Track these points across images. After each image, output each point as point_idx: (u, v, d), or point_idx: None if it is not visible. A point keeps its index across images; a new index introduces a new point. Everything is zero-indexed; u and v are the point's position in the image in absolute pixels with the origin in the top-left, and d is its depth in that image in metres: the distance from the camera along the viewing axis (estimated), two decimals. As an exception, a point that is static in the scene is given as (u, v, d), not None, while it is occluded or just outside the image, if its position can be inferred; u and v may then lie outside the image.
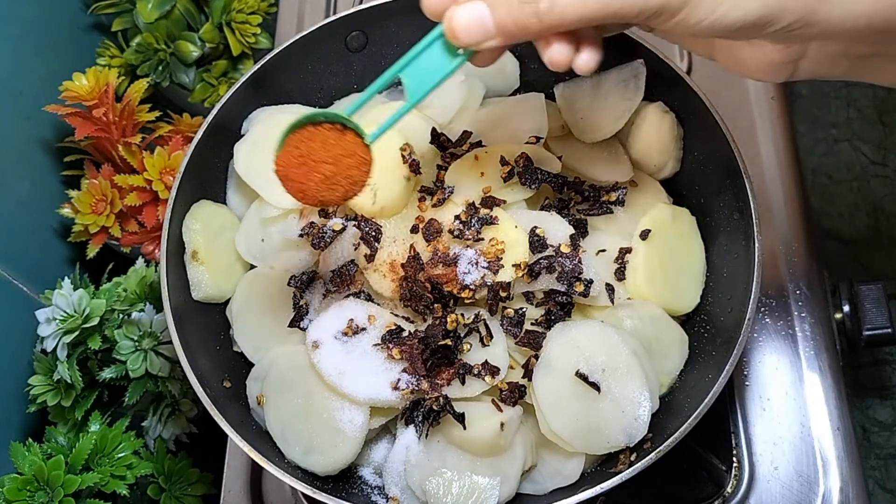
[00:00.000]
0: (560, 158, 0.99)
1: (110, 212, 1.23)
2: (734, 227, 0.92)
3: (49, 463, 1.01)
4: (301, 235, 0.95)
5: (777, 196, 1.16)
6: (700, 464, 1.03)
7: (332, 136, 0.74)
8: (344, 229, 0.94)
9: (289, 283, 0.94)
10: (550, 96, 1.05)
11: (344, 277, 0.93)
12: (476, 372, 0.86)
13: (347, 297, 0.92)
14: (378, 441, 0.91)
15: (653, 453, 0.79)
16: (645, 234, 0.94)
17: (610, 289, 0.91)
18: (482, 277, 0.88)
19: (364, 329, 0.88)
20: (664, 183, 1.03)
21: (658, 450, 0.79)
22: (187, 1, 1.41)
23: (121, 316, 1.14)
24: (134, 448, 1.10)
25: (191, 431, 1.22)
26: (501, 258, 0.89)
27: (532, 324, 0.90)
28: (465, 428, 0.83)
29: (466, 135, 1.00)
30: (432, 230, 0.92)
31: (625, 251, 0.94)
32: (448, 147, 1.00)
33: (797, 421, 1.03)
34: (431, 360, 0.85)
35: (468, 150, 0.98)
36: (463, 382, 0.85)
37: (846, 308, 1.10)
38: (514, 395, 0.86)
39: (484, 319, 0.88)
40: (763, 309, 1.10)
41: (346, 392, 0.85)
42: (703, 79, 1.24)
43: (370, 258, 0.92)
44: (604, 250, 0.94)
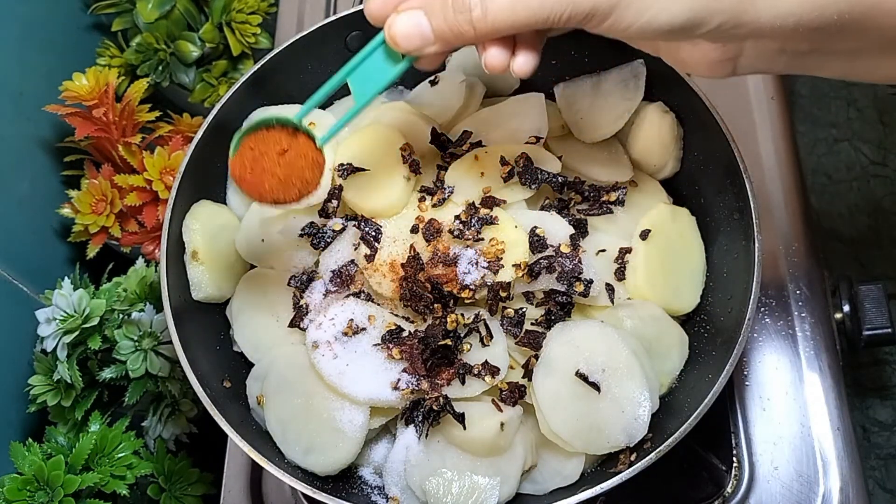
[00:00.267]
0: (560, 158, 0.99)
1: (110, 212, 1.23)
2: (734, 227, 0.92)
3: (49, 463, 1.01)
4: (301, 235, 0.95)
5: (777, 196, 1.16)
6: (700, 464, 1.03)
7: (284, 139, 0.76)
8: (344, 229, 0.94)
9: (289, 283, 0.94)
10: (550, 96, 1.05)
11: (344, 277, 0.93)
12: (476, 372, 0.86)
13: (347, 297, 0.92)
14: (378, 441, 0.91)
15: (653, 453, 0.79)
16: (645, 234, 0.94)
17: (610, 289, 0.91)
18: (482, 277, 0.88)
19: (364, 329, 0.88)
20: (664, 183, 1.03)
21: (658, 450, 0.79)
22: (187, 1, 1.41)
23: (121, 316, 1.14)
24: (134, 448, 1.10)
25: (191, 431, 1.22)
26: (501, 258, 0.89)
27: (532, 324, 0.90)
28: (465, 428, 0.83)
29: (466, 135, 1.00)
30: (432, 230, 0.92)
31: (625, 251, 0.94)
32: (448, 147, 1.00)
33: (797, 421, 1.03)
34: (431, 360, 0.85)
35: (468, 150, 0.98)
36: (463, 382, 0.85)
37: (846, 308, 1.10)
38: (514, 395, 0.86)
39: (484, 319, 0.88)
40: (763, 309, 1.10)
41: (346, 392, 0.85)
42: (704, 79, 1.24)
43: (370, 258, 0.92)
44: (604, 250, 0.94)
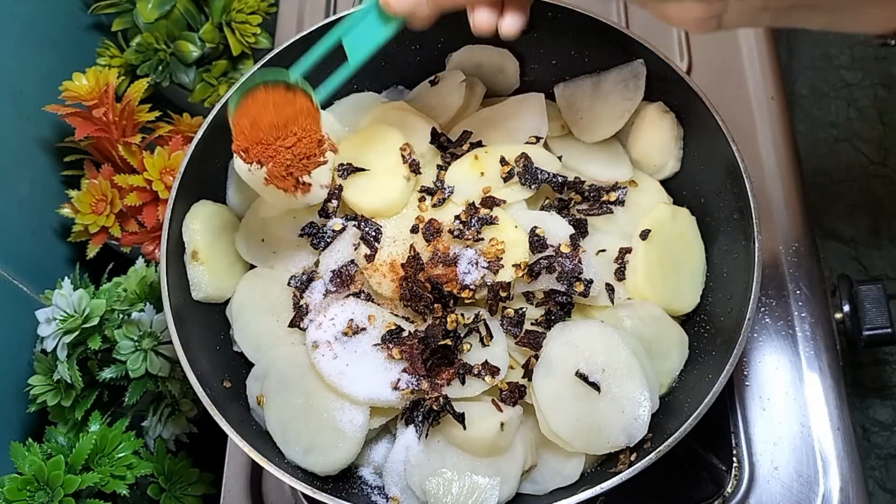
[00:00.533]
0: (560, 158, 1.00)
1: (110, 212, 1.23)
2: (734, 227, 0.92)
3: (49, 463, 1.01)
4: (301, 235, 0.95)
5: (777, 196, 1.16)
6: (700, 464, 1.03)
7: (282, 97, 0.80)
8: (344, 229, 0.94)
9: (289, 283, 0.94)
10: (550, 96, 1.05)
11: (344, 277, 0.93)
12: (476, 372, 0.86)
13: (347, 297, 0.92)
14: (378, 441, 0.91)
15: (653, 453, 0.79)
16: (645, 234, 0.94)
17: (610, 289, 0.91)
18: (482, 277, 0.88)
19: (364, 329, 0.88)
20: (664, 183, 1.03)
21: (658, 450, 0.79)
22: (187, 1, 1.41)
23: (121, 316, 1.14)
24: (134, 448, 1.10)
25: (191, 431, 1.22)
26: (501, 258, 0.89)
27: (532, 324, 0.90)
28: (465, 428, 0.83)
29: (466, 135, 1.00)
30: (432, 230, 0.92)
31: (625, 251, 0.94)
32: (448, 147, 1.00)
33: (797, 421, 1.03)
34: (431, 360, 0.85)
35: (468, 150, 0.99)
36: (463, 382, 0.85)
37: (846, 308, 1.10)
38: (514, 395, 0.86)
39: (484, 319, 0.88)
40: (763, 309, 1.10)
41: (346, 392, 0.85)
42: (703, 79, 1.24)
43: (370, 258, 0.92)
44: (604, 250, 0.94)
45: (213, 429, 0.84)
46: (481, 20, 0.72)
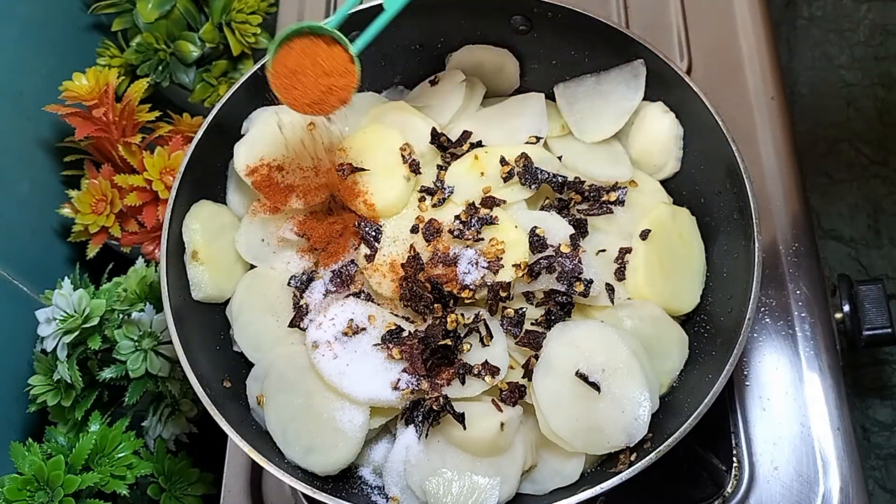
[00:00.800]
0: (560, 158, 1.00)
1: (110, 212, 1.23)
2: (734, 227, 0.92)
3: (49, 463, 1.01)
4: (301, 235, 0.95)
5: (777, 196, 1.16)
6: (700, 464, 1.03)
7: (319, 47, 0.82)
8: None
9: (289, 283, 0.94)
10: (550, 96, 1.05)
11: (344, 277, 0.93)
12: (476, 372, 0.86)
13: (347, 297, 0.92)
14: (378, 441, 0.91)
15: (653, 453, 0.79)
16: (645, 234, 0.94)
17: (610, 289, 0.91)
18: (482, 277, 0.88)
19: (364, 329, 0.88)
20: (664, 183, 1.03)
21: (658, 450, 0.79)
22: (187, 1, 1.41)
23: (121, 316, 1.14)
24: (134, 448, 1.10)
25: (191, 431, 1.22)
26: (501, 258, 0.89)
27: (532, 324, 0.90)
28: (465, 428, 0.83)
29: (466, 135, 1.00)
30: (432, 230, 0.92)
31: (625, 251, 0.94)
32: (448, 147, 1.00)
33: (797, 421, 1.03)
34: (431, 360, 0.85)
35: (468, 150, 0.99)
36: (463, 382, 0.85)
37: (846, 308, 1.10)
38: (514, 395, 0.86)
39: (484, 319, 0.88)
40: (763, 309, 1.09)
41: (346, 392, 0.85)
42: (703, 79, 1.24)
43: (370, 258, 0.92)
44: (604, 250, 0.94)
45: (213, 429, 0.84)
46: None
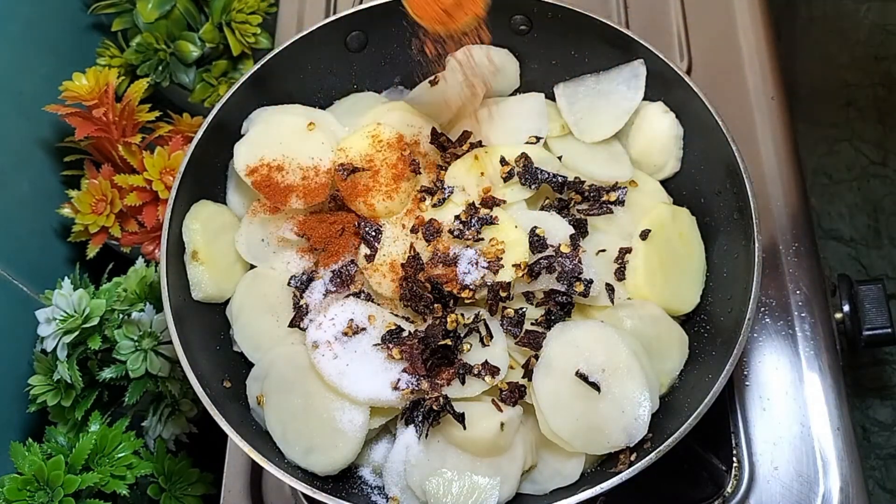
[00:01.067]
0: (560, 158, 0.99)
1: (110, 212, 1.23)
2: (734, 227, 0.92)
3: (49, 463, 1.01)
4: (301, 235, 0.95)
5: (777, 196, 1.16)
6: (700, 464, 1.03)
7: None
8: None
9: (289, 283, 0.94)
10: (550, 96, 1.05)
11: (344, 277, 0.93)
12: (476, 372, 0.86)
13: (347, 297, 0.92)
14: (378, 441, 0.91)
15: (653, 453, 0.79)
16: (645, 234, 0.94)
17: (610, 289, 0.91)
18: (482, 277, 0.88)
19: (364, 329, 0.88)
20: (664, 183, 1.03)
21: (658, 450, 0.79)
22: (187, 1, 1.41)
23: (121, 316, 1.14)
24: (134, 448, 1.10)
25: (191, 431, 1.22)
26: (501, 258, 0.89)
27: (532, 324, 0.90)
28: (465, 428, 0.83)
29: (466, 135, 1.00)
30: (432, 230, 0.92)
31: (625, 251, 0.94)
32: (448, 147, 1.00)
33: (797, 421, 1.03)
34: (431, 360, 0.85)
35: (468, 150, 0.98)
36: (463, 382, 0.85)
37: (846, 308, 1.10)
38: (514, 395, 0.86)
39: (484, 319, 0.88)
40: (763, 309, 1.09)
41: (346, 392, 0.85)
42: (703, 79, 1.24)
43: (370, 258, 0.92)
44: (604, 250, 0.94)
45: (213, 429, 0.84)
46: None
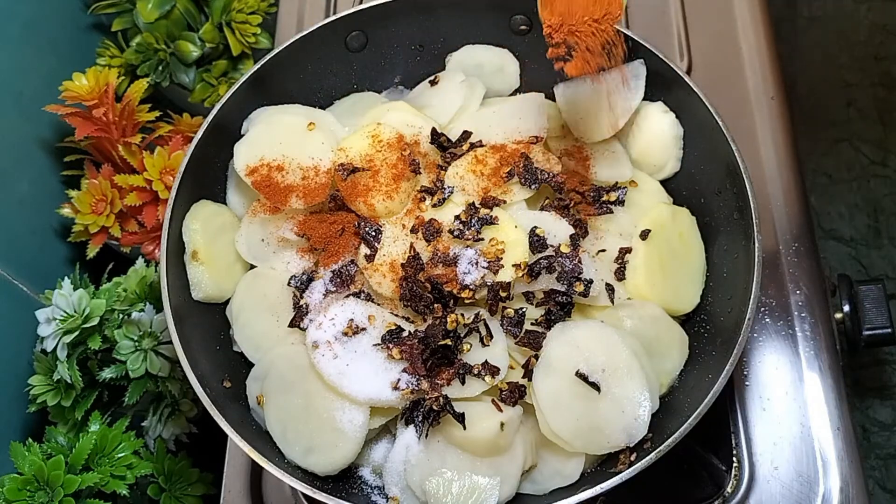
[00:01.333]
0: (560, 158, 0.99)
1: (110, 212, 1.23)
2: (734, 227, 0.92)
3: (49, 463, 1.01)
4: (301, 235, 0.95)
5: (777, 196, 1.16)
6: (700, 464, 1.03)
7: None
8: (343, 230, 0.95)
9: (289, 283, 0.94)
10: (550, 96, 1.05)
11: (344, 277, 0.93)
12: (476, 372, 0.85)
13: (347, 297, 0.92)
14: (378, 441, 0.91)
15: (653, 453, 0.79)
16: (645, 234, 0.94)
17: (610, 289, 0.91)
18: (482, 277, 0.88)
19: (364, 329, 0.88)
20: (664, 183, 1.03)
21: (658, 450, 0.79)
22: (187, 1, 1.41)
23: (121, 316, 1.14)
24: (134, 448, 1.10)
25: (191, 431, 1.22)
26: (501, 258, 0.89)
27: (532, 324, 0.90)
28: (465, 428, 0.83)
29: (466, 135, 1.00)
30: (432, 230, 0.92)
31: (625, 251, 0.94)
32: (448, 147, 1.00)
33: (797, 421, 1.03)
34: (431, 360, 0.85)
35: (468, 150, 0.98)
36: (463, 382, 0.85)
37: (846, 308, 1.10)
38: (514, 395, 0.86)
39: (484, 319, 0.88)
40: (763, 309, 1.09)
41: (346, 392, 0.85)
42: (703, 79, 1.24)
43: (370, 258, 0.92)
44: (604, 250, 0.94)
45: (213, 429, 0.84)
46: None
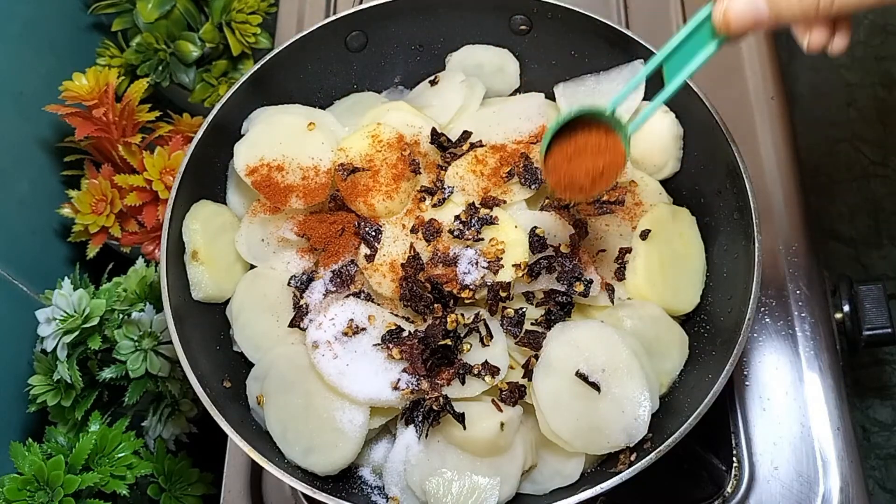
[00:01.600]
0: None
1: (110, 212, 1.23)
2: (734, 227, 0.92)
3: (49, 463, 1.01)
4: (301, 235, 0.95)
5: (777, 196, 1.16)
6: (700, 464, 1.03)
7: (600, 139, 0.75)
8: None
9: (289, 283, 0.94)
10: (550, 96, 1.05)
11: (344, 277, 0.93)
12: (476, 372, 0.86)
13: (347, 297, 0.92)
14: (378, 441, 0.91)
15: (653, 453, 0.79)
16: (645, 234, 0.94)
17: (610, 289, 0.91)
18: (482, 277, 0.88)
19: (364, 329, 0.88)
20: (664, 183, 1.03)
21: (658, 450, 0.79)
22: (187, 1, 1.41)
23: (121, 316, 1.14)
24: (134, 448, 1.10)
25: (191, 431, 1.22)
26: (501, 258, 0.89)
27: (532, 324, 0.90)
28: (465, 428, 0.83)
29: (466, 135, 1.00)
30: (432, 230, 0.92)
31: (625, 251, 0.94)
32: (448, 147, 1.00)
33: (797, 421, 1.03)
34: (431, 360, 0.85)
35: (468, 150, 0.99)
36: (463, 382, 0.85)
37: (846, 308, 1.10)
38: (514, 395, 0.86)
39: (484, 319, 0.88)
40: (763, 309, 1.09)
41: (346, 392, 0.85)
42: (703, 79, 1.24)
43: (370, 258, 0.92)
44: (604, 250, 0.94)
45: (213, 429, 0.84)
46: (817, 41, 0.67)
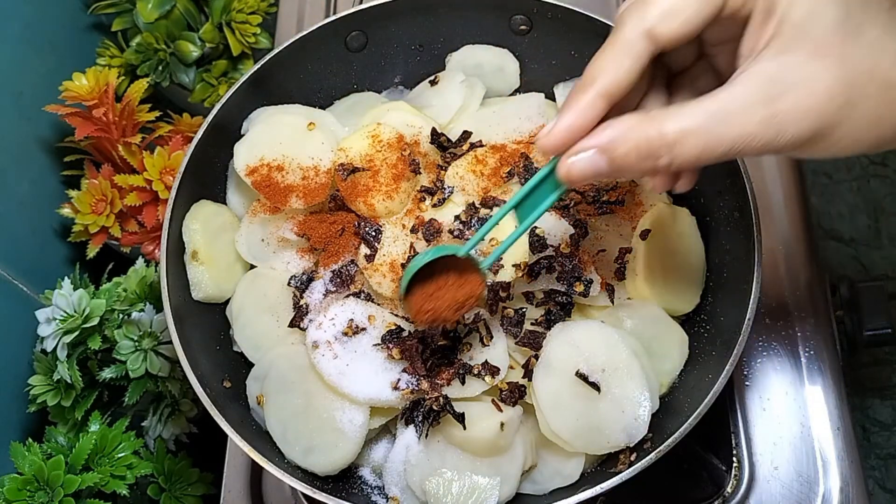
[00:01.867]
0: (560, 158, 0.99)
1: (110, 212, 1.23)
2: (734, 227, 0.92)
3: (49, 463, 1.01)
4: (301, 235, 0.95)
5: (777, 196, 1.16)
6: (700, 464, 1.03)
7: (451, 269, 0.79)
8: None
9: (289, 283, 0.94)
10: (550, 96, 1.05)
11: (344, 277, 0.93)
12: (476, 372, 0.86)
13: (347, 297, 0.92)
14: (378, 441, 0.91)
15: (653, 453, 0.79)
16: (645, 234, 0.94)
17: (610, 289, 0.91)
18: (482, 277, 0.88)
19: (364, 329, 0.88)
20: (664, 183, 1.03)
21: (658, 450, 0.79)
22: (187, 1, 1.41)
23: (121, 316, 1.14)
24: (134, 448, 1.10)
25: (191, 431, 1.22)
26: (501, 258, 0.89)
27: (532, 324, 0.90)
28: (465, 428, 0.83)
29: (466, 135, 1.00)
30: (432, 230, 0.92)
31: (625, 251, 0.94)
32: (448, 147, 1.00)
33: (797, 421, 1.03)
34: (431, 360, 0.85)
35: (468, 150, 0.98)
36: (463, 382, 0.85)
37: (846, 308, 1.10)
38: (514, 395, 0.86)
39: (484, 319, 0.88)
40: (763, 309, 1.09)
41: (346, 392, 0.85)
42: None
43: (370, 258, 0.92)
44: (604, 250, 0.94)
45: (213, 429, 0.84)
46: (661, 186, 0.73)
